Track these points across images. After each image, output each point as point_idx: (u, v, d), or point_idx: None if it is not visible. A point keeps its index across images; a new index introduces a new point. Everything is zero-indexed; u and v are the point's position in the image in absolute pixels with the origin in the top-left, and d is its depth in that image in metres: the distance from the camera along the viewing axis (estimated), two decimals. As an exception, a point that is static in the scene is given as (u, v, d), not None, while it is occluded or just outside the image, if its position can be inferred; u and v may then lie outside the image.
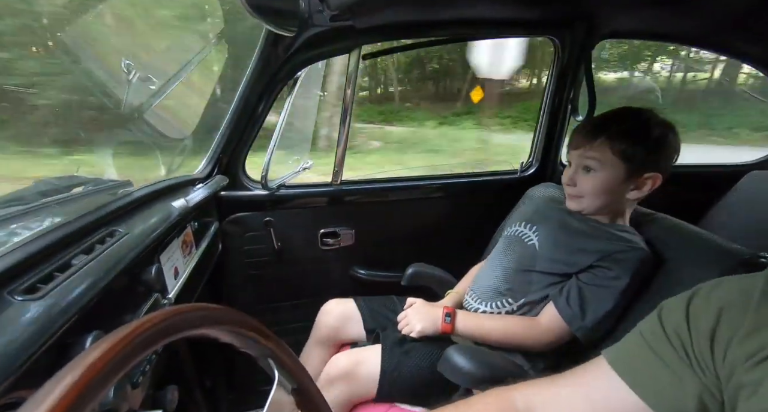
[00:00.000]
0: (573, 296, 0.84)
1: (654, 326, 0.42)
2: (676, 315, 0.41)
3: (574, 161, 0.91)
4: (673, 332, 0.40)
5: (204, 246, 1.06)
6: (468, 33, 1.40)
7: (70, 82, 1.32)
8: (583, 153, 0.87)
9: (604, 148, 0.84)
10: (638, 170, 0.84)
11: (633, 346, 0.43)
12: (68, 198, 0.76)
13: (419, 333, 0.92)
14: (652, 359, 0.40)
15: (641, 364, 0.41)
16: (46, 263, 0.53)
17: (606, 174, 0.85)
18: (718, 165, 1.90)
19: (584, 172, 0.88)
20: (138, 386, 0.54)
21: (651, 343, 0.41)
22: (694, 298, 0.41)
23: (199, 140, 1.31)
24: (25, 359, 0.39)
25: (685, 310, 0.40)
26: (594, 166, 0.86)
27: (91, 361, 0.20)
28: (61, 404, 0.18)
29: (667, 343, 0.40)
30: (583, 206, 0.90)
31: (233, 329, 0.32)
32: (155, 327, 0.25)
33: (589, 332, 0.81)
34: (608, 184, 0.85)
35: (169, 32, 1.41)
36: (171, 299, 0.77)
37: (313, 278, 1.44)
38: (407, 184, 1.51)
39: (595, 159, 0.85)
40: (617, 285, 0.80)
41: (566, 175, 0.92)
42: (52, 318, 0.44)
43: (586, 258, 0.84)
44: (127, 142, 1.18)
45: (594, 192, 0.87)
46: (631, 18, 1.33)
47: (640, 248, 0.82)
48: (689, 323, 0.39)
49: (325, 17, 1.08)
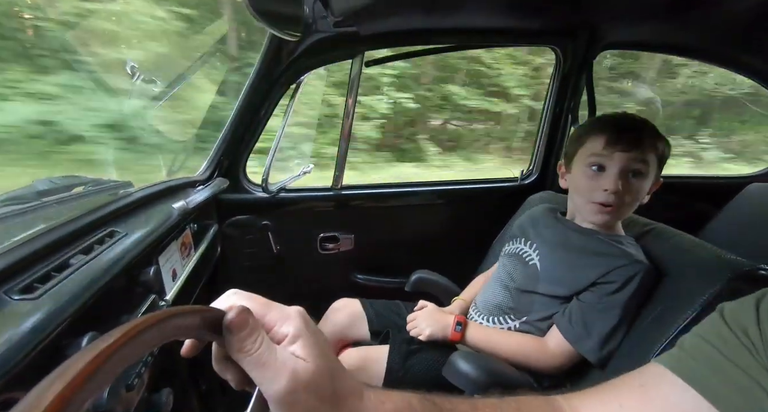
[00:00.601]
0: (576, 317, 0.82)
1: (718, 327, 0.39)
2: (745, 317, 0.37)
3: (616, 167, 0.81)
4: (742, 331, 0.37)
5: (203, 248, 1.06)
6: (471, 41, 1.41)
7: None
8: (633, 157, 0.80)
9: (650, 151, 0.81)
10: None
11: (696, 350, 0.39)
12: (68, 198, 0.76)
13: (427, 337, 0.91)
14: (728, 365, 0.36)
15: (713, 369, 0.37)
16: (44, 262, 0.53)
17: (650, 179, 0.83)
18: (718, 176, 1.90)
19: (632, 177, 0.82)
20: (133, 388, 0.53)
21: (717, 345, 0.37)
22: (763, 301, 0.38)
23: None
24: (20, 359, 0.38)
25: (755, 311, 0.37)
26: (644, 170, 0.81)
27: (87, 360, 0.20)
28: (53, 405, 0.18)
29: (740, 346, 0.36)
30: (618, 218, 0.86)
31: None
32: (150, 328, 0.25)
33: (597, 352, 0.80)
34: (647, 189, 0.83)
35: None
36: (168, 300, 0.76)
37: (313, 283, 1.44)
38: (408, 190, 1.52)
39: (646, 162, 0.81)
40: (619, 300, 0.79)
41: (611, 183, 0.81)
42: (48, 318, 0.44)
43: (586, 277, 0.83)
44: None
45: (634, 199, 0.82)
46: (634, 29, 1.34)
47: (640, 262, 0.81)
48: (760, 324, 0.36)
49: (329, 23, 1.09)
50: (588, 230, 0.89)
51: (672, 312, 0.74)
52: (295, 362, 0.29)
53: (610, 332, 0.79)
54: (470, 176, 1.62)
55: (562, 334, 0.83)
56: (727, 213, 1.53)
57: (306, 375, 0.29)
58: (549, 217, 0.99)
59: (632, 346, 0.78)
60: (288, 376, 0.28)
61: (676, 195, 1.69)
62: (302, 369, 0.29)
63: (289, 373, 0.28)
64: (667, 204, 0.90)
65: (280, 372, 0.28)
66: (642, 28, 1.33)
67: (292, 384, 0.28)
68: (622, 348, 0.80)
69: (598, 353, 0.80)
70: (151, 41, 1.48)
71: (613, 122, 0.86)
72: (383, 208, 1.48)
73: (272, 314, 0.32)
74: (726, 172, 4.04)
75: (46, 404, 0.18)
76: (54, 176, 0.79)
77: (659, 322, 0.75)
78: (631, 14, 1.20)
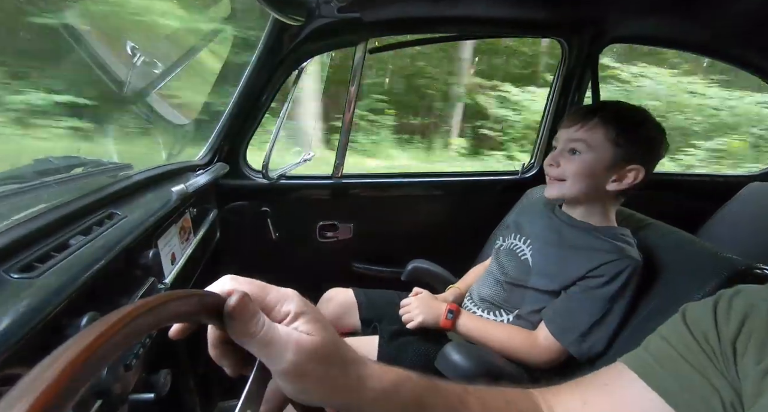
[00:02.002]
0: (561, 310, 0.83)
1: (680, 331, 0.40)
2: (704, 320, 0.38)
3: (561, 142, 0.88)
4: (703, 337, 0.38)
5: (202, 233, 1.06)
6: (476, 31, 1.39)
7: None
8: (573, 133, 0.85)
9: (596, 130, 0.83)
10: (624, 159, 0.83)
11: (659, 353, 0.40)
12: (68, 178, 0.76)
13: (419, 324, 0.92)
14: (685, 368, 0.37)
15: (674, 373, 0.38)
16: (44, 242, 0.53)
17: (592, 157, 0.83)
18: (718, 175, 1.90)
19: (570, 154, 0.86)
20: (131, 368, 0.54)
21: (680, 350, 0.39)
22: (720, 302, 0.39)
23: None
24: (20, 336, 0.39)
25: (713, 316, 0.38)
26: (581, 149, 0.84)
27: (88, 341, 0.20)
28: (54, 384, 0.18)
29: (700, 351, 0.37)
30: (563, 192, 0.87)
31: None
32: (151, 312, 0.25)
33: (580, 346, 0.80)
34: (592, 168, 0.83)
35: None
36: (167, 283, 0.77)
37: (311, 270, 1.44)
38: (408, 180, 1.51)
39: (584, 141, 0.83)
40: (605, 294, 0.79)
41: (550, 156, 0.89)
42: (47, 297, 0.44)
43: (576, 271, 0.83)
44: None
45: (577, 174, 0.84)
46: (640, 23, 1.32)
47: (630, 257, 0.81)
48: (718, 330, 0.37)
49: (332, 8, 1.07)
50: (581, 223, 0.89)
51: (667, 309, 0.74)
52: (299, 335, 0.30)
53: (593, 325, 0.80)
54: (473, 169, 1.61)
55: (547, 326, 0.84)
56: (725, 212, 1.53)
57: (312, 346, 0.30)
58: (545, 211, 0.99)
59: (626, 342, 0.78)
60: (294, 349, 0.29)
61: (675, 192, 1.69)
62: (307, 341, 0.30)
63: (295, 346, 0.29)
64: (665, 201, 0.90)
65: (286, 347, 0.29)
66: (648, 23, 1.31)
67: (299, 356, 0.29)
68: (616, 344, 0.80)
69: (580, 347, 0.80)
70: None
71: (581, 105, 0.88)
72: (383, 197, 1.48)
73: (271, 295, 0.33)
74: (726, 171, 4.04)
75: (47, 383, 0.18)
76: (53, 156, 0.79)
77: (653, 318, 0.76)
78: (638, 8, 1.18)
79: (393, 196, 1.49)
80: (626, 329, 0.80)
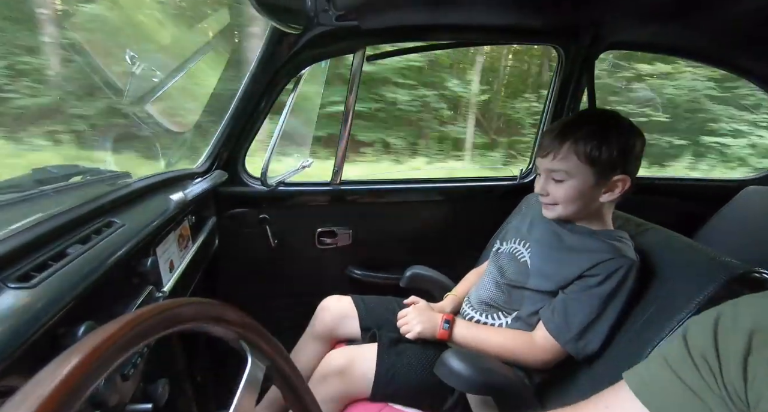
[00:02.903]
0: (558, 309, 0.84)
1: (680, 351, 0.39)
2: (703, 339, 0.38)
3: (542, 171, 0.90)
4: (701, 357, 0.37)
5: (200, 240, 1.05)
6: (473, 38, 1.40)
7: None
8: (548, 164, 0.87)
9: (569, 156, 0.84)
10: (606, 173, 0.84)
11: (658, 373, 0.40)
12: (66, 187, 0.76)
13: (417, 335, 0.92)
14: (680, 389, 0.37)
15: (670, 395, 0.38)
16: (41, 251, 0.53)
17: (575, 182, 0.85)
18: (715, 179, 1.91)
19: (554, 183, 0.88)
20: (128, 378, 0.54)
21: (678, 371, 0.38)
22: (721, 319, 0.38)
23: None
24: (16, 346, 0.38)
25: (713, 333, 0.37)
26: (562, 177, 0.86)
27: (87, 352, 0.20)
28: (52, 395, 0.18)
29: (695, 370, 0.37)
30: (558, 213, 0.90)
31: (199, 315, 0.31)
32: (150, 320, 0.25)
33: (577, 344, 0.81)
34: (579, 191, 0.85)
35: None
36: (165, 292, 0.77)
37: (309, 277, 1.44)
38: (407, 186, 1.52)
39: (562, 170, 0.85)
40: (600, 292, 0.80)
41: (538, 184, 0.91)
42: (44, 307, 0.44)
43: (573, 271, 0.84)
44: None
45: (567, 200, 0.87)
46: (636, 30, 1.33)
47: (625, 257, 0.82)
48: (718, 348, 0.36)
49: (330, 17, 1.08)
50: (580, 228, 0.91)
51: (665, 313, 0.74)
52: None
53: (589, 324, 0.80)
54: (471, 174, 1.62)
55: (545, 325, 0.84)
56: (722, 216, 1.54)
57: None
58: (545, 215, 1.00)
59: (626, 346, 0.78)
60: None
61: (671, 196, 1.70)
62: None
63: None
64: (661, 206, 0.91)
65: None
66: (645, 30, 1.33)
67: None
68: (616, 348, 0.80)
69: (576, 345, 0.81)
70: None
71: (550, 128, 0.91)
72: (382, 203, 1.48)
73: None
74: (722, 176, 4.06)
75: (51, 389, 0.18)
76: (52, 165, 0.79)
77: (653, 323, 0.75)
78: (635, 15, 1.20)
79: (392, 202, 1.49)
80: (626, 333, 0.80)
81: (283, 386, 0.40)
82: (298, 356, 1.11)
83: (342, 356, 0.92)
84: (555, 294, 0.87)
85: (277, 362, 0.39)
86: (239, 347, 0.37)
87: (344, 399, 0.90)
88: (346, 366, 0.90)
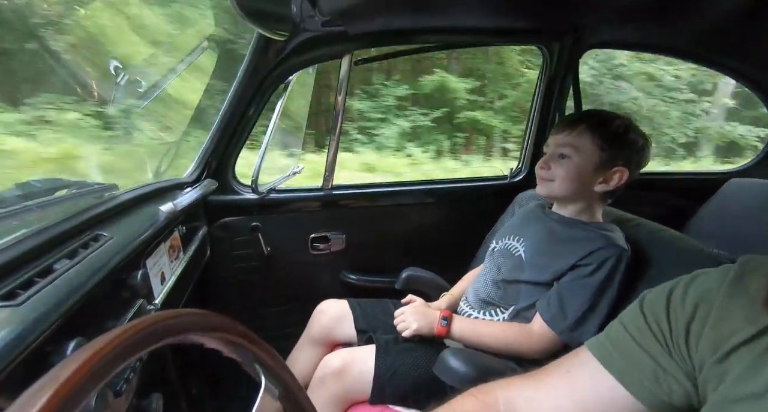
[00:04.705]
0: (553, 298, 0.85)
1: (636, 317, 0.43)
2: (657, 307, 0.42)
3: (551, 148, 0.93)
4: (655, 322, 0.41)
5: (192, 251, 1.04)
6: (459, 40, 1.42)
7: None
8: (562, 139, 0.90)
9: (583, 135, 0.88)
10: (609, 161, 0.88)
11: (617, 337, 0.44)
12: (51, 201, 0.75)
13: (414, 332, 0.92)
14: (637, 351, 0.41)
15: (627, 356, 0.41)
16: (27, 268, 0.52)
17: (580, 160, 0.88)
18: (700, 172, 1.95)
19: (559, 159, 0.91)
20: (121, 394, 0.52)
21: (634, 334, 0.42)
22: (675, 290, 0.42)
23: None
24: (3, 366, 0.37)
25: (666, 302, 0.42)
26: (569, 154, 0.89)
27: (72, 369, 0.20)
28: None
29: (650, 334, 0.41)
30: (551, 190, 0.93)
31: (219, 334, 0.32)
32: (139, 334, 0.25)
33: (572, 334, 0.82)
34: (580, 171, 0.89)
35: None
36: (157, 304, 0.75)
37: (304, 283, 1.43)
38: (398, 189, 1.52)
39: (572, 146, 0.89)
40: (593, 281, 0.82)
41: (542, 160, 0.95)
42: (31, 325, 0.43)
43: (566, 261, 0.86)
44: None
45: (565, 178, 0.90)
46: (618, 30, 1.36)
47: (616, 245, 0.84)
48: (669, 315, 0.41)
49: (317, 22, 1.08)
50: (571, 220, 0.93)
51: None
52: None
53: (584, 313, 0.82)
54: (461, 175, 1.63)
55: (541, 315, 0.86)
56: (708, 209, 1.57)
57: None
58: (537, 212, 1.03)
59: None
60: None
61: (658, 191, 1.73)
62: None
63: None
64: (649, 200, 0.93)
65: None
66: (627, 29, 1.35)
67: None
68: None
69: (571, 334, 0.82)
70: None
71: (569, 115, 0.96)
72: (374, 207, 1.48)
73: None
74: (706, 168, 4.15)
75: (38, 408, 0.17)
76: (35, 179, 0.77)
77: None
78: (615, 15, 1.22)
79: (384, 205, 1.49)
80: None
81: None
82: (295, 361, 1.10)
83: (339, 359, 0.92)
84: (550, 286, 0.88)
85: (291, 390, 0.39)
86: (251, 370, 0.36)
87: (343, 401, 0.90)
88: (343, 368, 0.89)
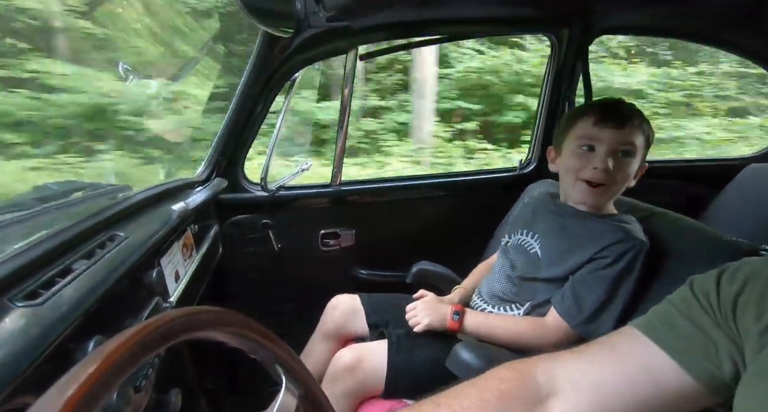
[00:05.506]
0: (568, 292, 0.84)
1: (685, 295, 0.43)
2: (707, 284, 0.42)
3: (605, 144, 0.82)
4: (704, 297, 0.41)
5: (204, 249, 1.06)
6: (465, 31, 1.40)
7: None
8: (623, 136, 0.82)
9: (638, 132, 0.83)
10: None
11: (665, 314, 0.44)
12: (67, 203, 0.76)
13: (426, 327, 0.92)
14: (686, 324, 0.41)
15: (676, 330, 0.41)
16: (47, 268, 0.53)
17: (636, 159, 0.84)
18: (717, 159, 1.90)
19: (621, 157, 0.83)
20: (141, 389, 0.54)
21: (682, 309, 0.42)
22: (725, 272, 0.42)
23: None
24: (27, 365, 0.38)
25: (716, 280, 0.42)
26: (632, 150, 0.83)
27: (96, 365, 0.20)
28: (66, 409, 0.18)
29: (699, 308, 0.41)
30: (607, 198, 0.87)
31: (242, 332, 0.32)
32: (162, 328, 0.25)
33: (587, 327, 0.81)
34: (634, 171, 0.85)
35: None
36: (172, 302, 0.77)
37: (315, 280, 1.44)
38: (406, 183, 1.51)
39: (633, 144, 0.83)
40: (609, 274, 0.81)
41: (597, 160, 0.82)
42: (53, 324, 0.44)
43: (583, 256, 0.85)
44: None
45: (624, 180, 0.84)
46: (628, 14, 1.33)
47: (634, 238, 0.82)
48: (719, 289, 0.41)
49: (321, 18, 1.08)
50: (584, 213, 0.90)
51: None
52: None
53: (600, 306, 0.80)
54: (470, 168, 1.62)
55: (555, 309, 0.85)
56: (725, 196, 1.53)
57: None
58: (548, 204, 1.00)
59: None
60: None
61: (674, 179, 1.69)
62: None
63: None
64: (666, 189, 0.91)
65: None
66: (637, 13, 1.32)
67: None
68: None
69: (587, 327, 0.81)
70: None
71: (602, 104, 0.88)
72: (383, 202, 1.48)
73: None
74: (724, 155, 4.04)
75: (62, 403, 0.18)
76: (52, 182, 0.79)
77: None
78: (625, 0, 1.19)
79: (393, 200, 1.49)
80: (637, 313, 0.80)
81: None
82: (308, 356, 1.11)
83: (351, 354, 0.92)
84: (566, 280, 0.87)
85: (312, 392, 0.39)
86: (272, 370, 0.37)
87: (357, 396, 0.91)
88: (355, 363, 0.90)
